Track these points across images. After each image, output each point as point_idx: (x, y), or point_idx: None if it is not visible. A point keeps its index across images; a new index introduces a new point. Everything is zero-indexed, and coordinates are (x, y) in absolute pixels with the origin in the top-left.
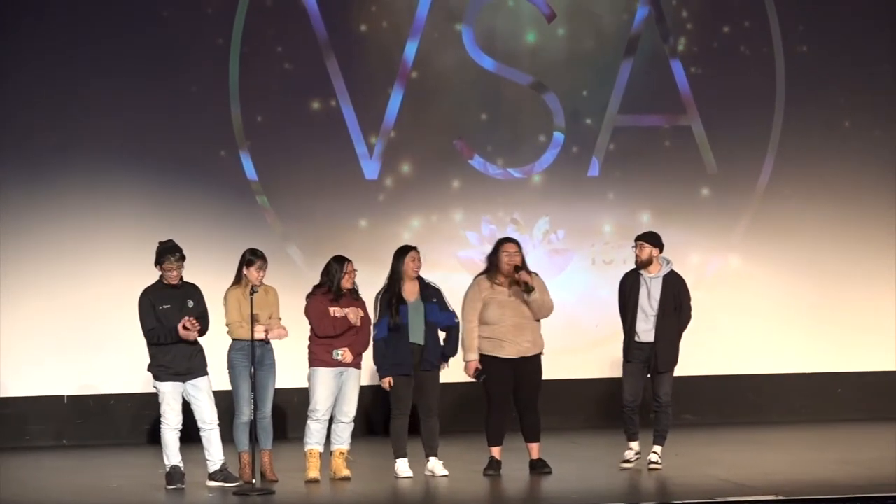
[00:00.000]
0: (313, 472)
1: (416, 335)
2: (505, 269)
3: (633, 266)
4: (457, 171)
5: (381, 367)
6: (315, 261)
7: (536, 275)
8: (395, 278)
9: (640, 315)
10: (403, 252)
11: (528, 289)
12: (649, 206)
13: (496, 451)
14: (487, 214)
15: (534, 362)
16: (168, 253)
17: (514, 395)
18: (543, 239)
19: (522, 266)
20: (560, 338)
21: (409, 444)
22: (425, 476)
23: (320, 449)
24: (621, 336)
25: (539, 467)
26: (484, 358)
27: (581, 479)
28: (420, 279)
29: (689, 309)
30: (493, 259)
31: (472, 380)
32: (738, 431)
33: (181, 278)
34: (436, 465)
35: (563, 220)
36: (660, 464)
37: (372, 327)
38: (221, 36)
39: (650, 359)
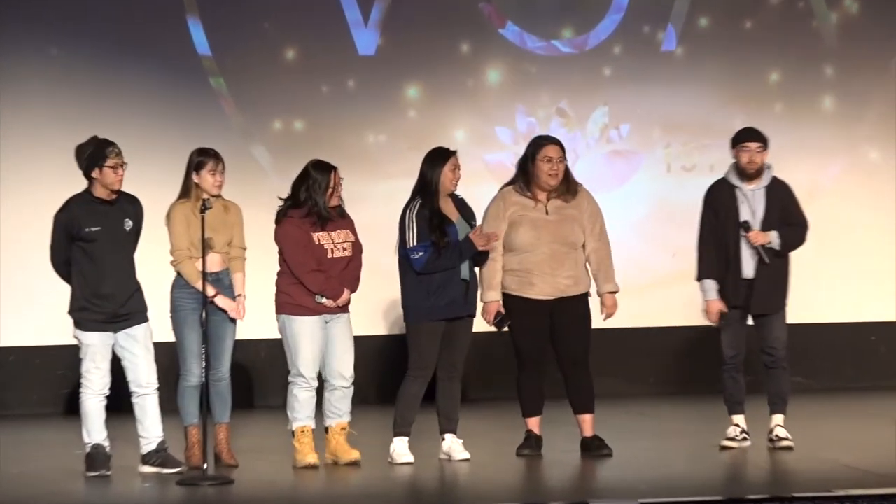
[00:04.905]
0: (310, 457)
1: (464, 268)
2: (544, 181)
3: (722, 174)
4: (483, 46)
5: (429, 308)
6: (288, 166)
7: (589, 195)
8: (429, 190)
9: (743, 243)
10: (442, 157)
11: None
12: (745, 93)
13: (533, 424)
14: (524, 104)
15: (578, 305)
16: (108, 146)
17: (556, 351)
18: (601, 136)
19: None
20: (624, 274)
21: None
22: (440, 461)
23: (313, 425)
24: None
25: (594, 448)
26: (508, 298)
27: (652, 463)
28: (452, 194)
29: (804, 222)
30: (525, 166)
31: (492, 328)
32: (864, 399)
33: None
34: (454, 446)
35: (628, 112)
36: (790, 439)
37: (408, 255)
38: None
39: (749, 298)
